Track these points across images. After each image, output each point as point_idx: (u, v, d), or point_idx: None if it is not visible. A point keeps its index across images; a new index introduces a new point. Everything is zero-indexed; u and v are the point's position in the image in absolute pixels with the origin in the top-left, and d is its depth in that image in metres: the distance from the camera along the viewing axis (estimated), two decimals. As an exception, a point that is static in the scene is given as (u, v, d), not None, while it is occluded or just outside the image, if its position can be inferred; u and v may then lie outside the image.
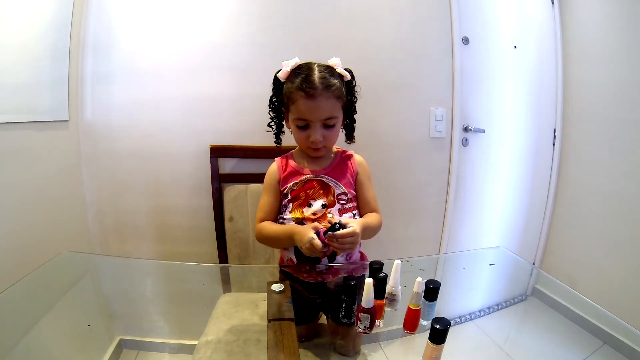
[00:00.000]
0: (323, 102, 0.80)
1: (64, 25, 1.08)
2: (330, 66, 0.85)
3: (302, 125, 0.84)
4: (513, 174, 1.65)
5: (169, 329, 0.94)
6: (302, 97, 0.80)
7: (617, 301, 1.32)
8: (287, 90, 0.84)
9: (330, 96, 0.81)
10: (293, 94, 0.81)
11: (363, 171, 0.95)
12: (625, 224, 1.36)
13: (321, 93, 0.79)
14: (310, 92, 0.79)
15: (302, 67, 0.84)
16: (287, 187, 0.89)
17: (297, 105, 0.81)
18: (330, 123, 0.84)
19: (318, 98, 0.79)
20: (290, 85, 0.82)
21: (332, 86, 0.82)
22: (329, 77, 0.82)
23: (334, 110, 0.84)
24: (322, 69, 0.83)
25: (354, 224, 0.75)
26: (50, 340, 0.75)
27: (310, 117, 0.82)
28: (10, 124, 0.95)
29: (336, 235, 0.72)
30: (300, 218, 0.86)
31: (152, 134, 1.20)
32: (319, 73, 0.81)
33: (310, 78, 0.80)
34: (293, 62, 0.85)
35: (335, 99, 0.83)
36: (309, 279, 0.85)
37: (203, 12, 1.16)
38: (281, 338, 0.56)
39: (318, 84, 0.79)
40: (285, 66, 0.85)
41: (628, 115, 1.35)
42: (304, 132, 0.84)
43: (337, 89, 0.83)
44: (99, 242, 1.25)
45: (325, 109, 0.81)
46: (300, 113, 0.82)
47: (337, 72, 0.85)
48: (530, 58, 1.59)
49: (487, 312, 0.99)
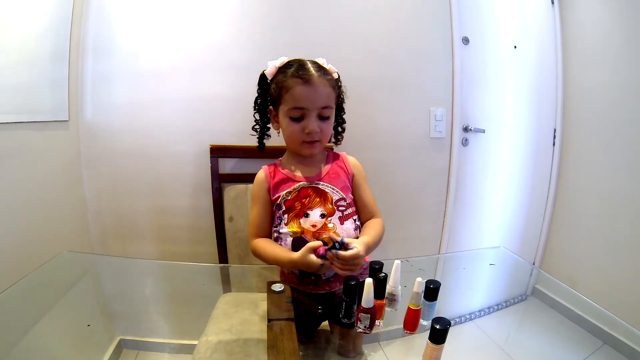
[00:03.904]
0: (320, 88, 0.79)
1: (64, 25, 1.08)
2: (317, 62, 0.85)
3: (297, 117, 0.80)
4: (513, 174, 1.65)
5: (169, 329, 0.94)
6: (298, 84, 0.78)
7: (617, 301, 1.32)
8: (280, 81, 0.81)
9: (326, 83, 0.80)
10: (287, 82, 0.79)
11: (359, 173, 0.91)
12: (625, 224, 1.37)
13: (318, 79, 0.79)
14: (306, 77, 0.78)
15: (291, 62, 0.83)
16: (280, 196, 0.84)
17: (292, 93, 0.78)
18: (325, 114, 0.82)
19: (315, 83, 0.78)
20: (283, 76, 0.80)
21: (327, 74, 0.82)
22: (321, 68, 0.82)
23: (330, 99, 0.82)
24: (312, 62, 0.83)
25: (357, 245, 0.70)
26: (50, 340, 0.75)
27: (307, 104, 0.79)
28: (10, 124, 0.94)
29: (338, 256, 0.68)
30: (299, 231, 0.81)
31: (152, 134, 1.20)
32: (311, 64, 0.82)
33: (305, 66, 0.80)
34: (280, 60, 0.84)
35: (330, 88, 0.82)
36: (317, 289, 0.82)
37: (203, 13, 1.16)
38: (281, 338, 0.56)
39: (314, 71, 0.79)
40: (270, 65, 0.84)
41: (628, 115, 1.36)
42: (299, 124, 0.81)
43: (332, 78, 0.83)
44: (99, 242, 1.25)
45: (322, 95, 0.80)
46: (296, 101, 0.78)
47: (325, 68, 0.84)
48: (530, 58, 1.59)
49: (487, 312, 0.99)
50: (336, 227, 0.82)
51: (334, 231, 0.81)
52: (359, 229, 0.86)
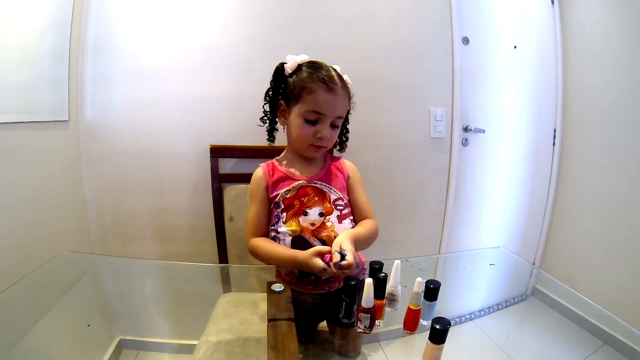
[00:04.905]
0: (340, 99, 0.81)
1: (64, 25, 1.08)
2: (337, 70, 0.86)
3: (313, 119, 0.81)
4: (513, 174, 1.65)
5: (169, 329, 0.94)
6: (323, 90, 0.79)
7: (617, 301, 1.32)
8: (303, 80, 0.80)
9: (346, 95, 0.83)
10: (311, 85, 0.79)
11: (354, 175, 0.92)
12: (625, 224, 1.37)
13: (341, 90, 0.81)
14: (332, 86, 0.79)
15: (316, 63, 0.84)
16: (279, 194, 0.84)
17: (315, 96, 0.79)
18: (338, 123, 0.84)
19: (338, 94, 0.80)
20: (308, 77, 0.80)
21: (347, 87, 0.85)
22: (341, 77, 0.84)
23: (345, 110, 0.85)
24: (334, 69, 0.85)
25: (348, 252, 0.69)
26: (50, 340, 0.75)
27: (326, 111, 0.80)
28: (10, 124, 0.94)
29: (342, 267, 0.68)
30: (298, 230, 0.81)
31: (152, 134, 1.20)
32: (335, 72, 0.83)
33: (330, 73, 0.81)
34: (303, 57, 0.85)
35: (347, 100, 0.85)
36: (316, 289, 0.81)
37: (203, 13, 1.16)
38: (281, 338, 0.56)
39: (338, 81, 0.81)
40: (292, 59, 0.84)
41: (628, 115, 1.36)
42: (312, 128, 0.81)
43: (349, 90, 0.86)
44: (99, 242, 1.25)
45: (341, 105, 0.82)
46: (316, 105, 0.79)
47: (343, 79, 0.85)
48: (530, 58, 1.59)
49: (487, 312, 0.99)
50: (334, 225, 0.83)
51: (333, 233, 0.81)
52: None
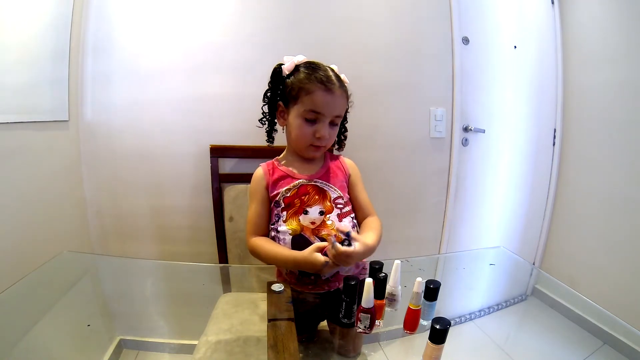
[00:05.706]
0: (338, 99, 0.82)
1: (64, 25, 1.08)
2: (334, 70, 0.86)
3: (311, 119, 0.82)
4: (513, 174, 1.65)
5: (169, 329, 0.94)
6: (321, 90, 0.80)
7: (617, 301, 1.32)
8: (301, 82, 0.81)
9: (344, 95, 0.84)
10: (309, 86, 0.80)
11: (355, 173, 0.92)
12: (625, 224, 1.37)
13: (338, 89, 0.82)
14: (330, 86, 0.80)
15: (314, 64, 0.84)
16: (279, 193, 0.84)
17: (312, 97, 0.80)
18: (337, 122, 0.85)
19: (336, 93, 0.81)
20: (306, 78, 0.81)
21: (344, 86, 0.85)
22: (338, 77, 0.84)
23: (343, 109, 0.86)
24: (332, 69, 0.85)
25: (357, 245, 0.70)
26: (50, 340, 0.75)
27: (324, 111, 0.81)
28: (10, 124, 0.94)
29: (334, 247, 0.68)
30: (298, 229, 0.81)
31: (152, 134, 1.20)
32: (332, 72, 0.83)
33: (327, 73, 0.82)
34: (300, 58, 0.85)
35: (345, 99, 0.85)
36: (316, 289, 0.81)
37: (203, 13, 1.16)
38: (281, 338, 0.56)
39: (335, 81, 0.82)
40: (289, 60, 0.84)
41: (628, 115, 1.36)
42: (311, 127, 0.82)
43: (346, 89, 0.86)
44: (99, 242, 1.25)
45: (339, 105, 0.83)
46: (315, 105, 0.80)
47: (341, 78, 0.86)
48: (530, 58, 1.59)
49: (487, 312, 0.99)
50: (334, 224, 0.83)
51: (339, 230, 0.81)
52: (357, 227, 0.87)
